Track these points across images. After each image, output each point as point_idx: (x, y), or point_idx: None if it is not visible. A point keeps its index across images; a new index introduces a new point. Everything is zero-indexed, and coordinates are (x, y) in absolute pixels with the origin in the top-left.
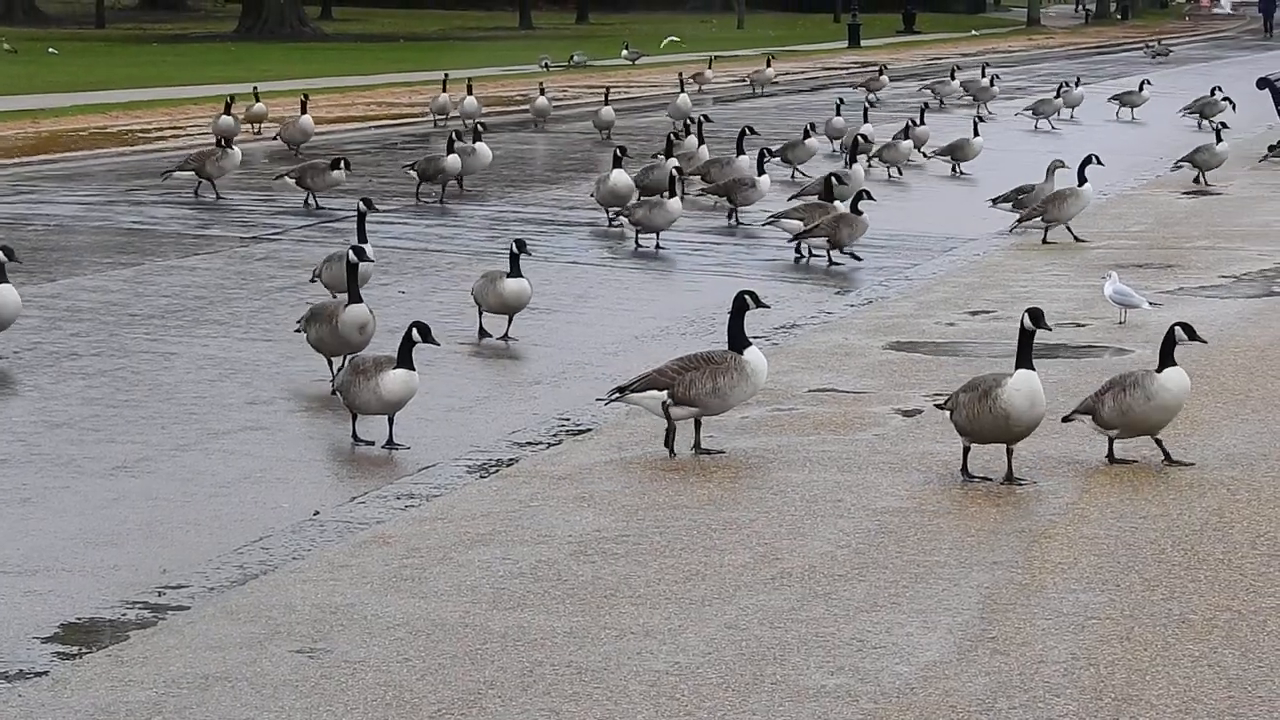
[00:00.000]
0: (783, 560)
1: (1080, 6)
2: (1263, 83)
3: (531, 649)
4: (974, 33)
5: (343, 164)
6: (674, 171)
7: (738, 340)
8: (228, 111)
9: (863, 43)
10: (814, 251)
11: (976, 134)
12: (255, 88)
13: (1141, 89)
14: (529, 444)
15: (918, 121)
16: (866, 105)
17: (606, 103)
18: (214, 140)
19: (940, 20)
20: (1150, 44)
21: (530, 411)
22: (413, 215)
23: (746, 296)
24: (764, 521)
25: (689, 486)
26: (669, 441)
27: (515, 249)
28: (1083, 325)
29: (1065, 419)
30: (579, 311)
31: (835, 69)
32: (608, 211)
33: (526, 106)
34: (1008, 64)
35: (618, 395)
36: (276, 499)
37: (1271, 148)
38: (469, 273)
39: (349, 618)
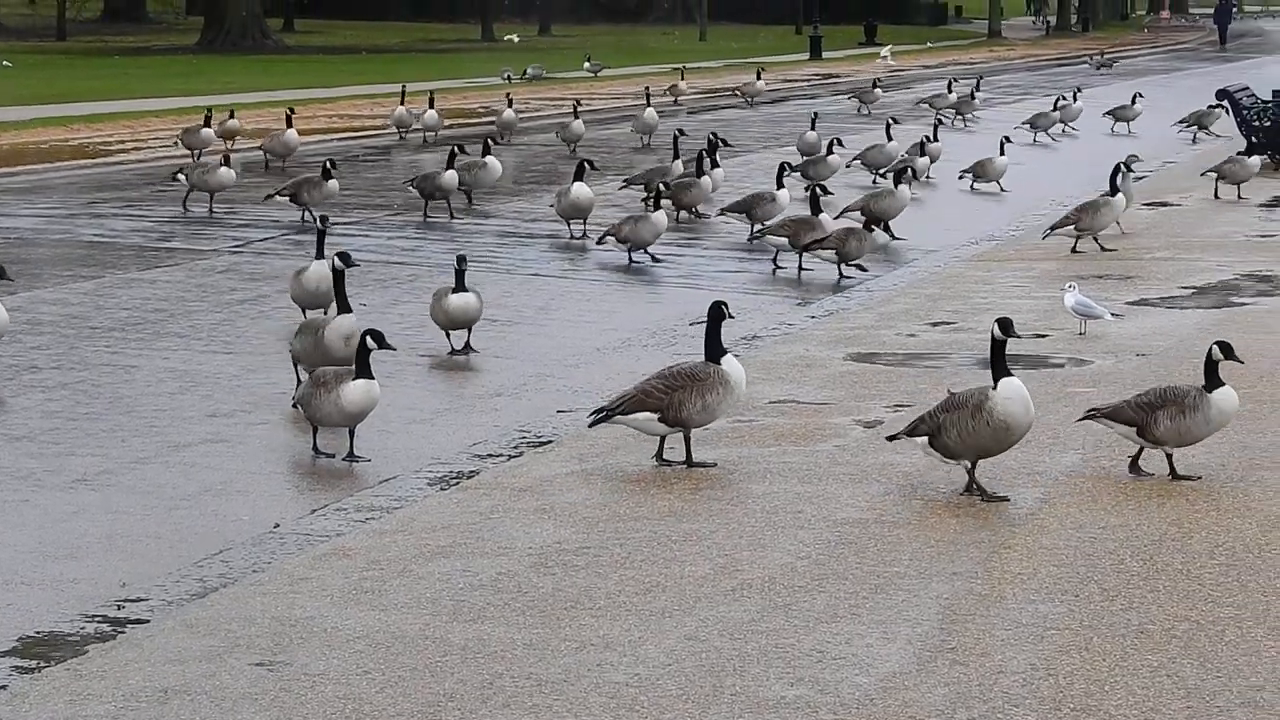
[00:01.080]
0: (743, 572)
1: (1040, 19)
2: (1222, 94)
3: (491, 661)
4: (929, 45)
5: (331, 165)
6: (660, 185)
7: (714, 350)
8: (206, 124)
9: (824, 54)
10: (802, 265)
11: (1002, 153)
12: (232, 109)
13: (1134, 102)
14: (490, 456)
15: (932, 138)
16: (890, 122)
17: (576, 116)
18: (190, 152)
19: (901, 32)
20: (1093, 56)
21: (491, 424)
22: (373, 228)
23: (723, 306)
24: (724, 533)
25: (649, 498)
26: (660, 453)
27: (458, 265)
28: (1043, 336)
29: (1083, 418)
30: (540, 324)
31: (796, 80)
32: (569, 224)
33: (491, 119)
34: (969, 75)
35: (604, 416)
36: (237, 512)
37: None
38: (430, 285)
39: (309, 630)
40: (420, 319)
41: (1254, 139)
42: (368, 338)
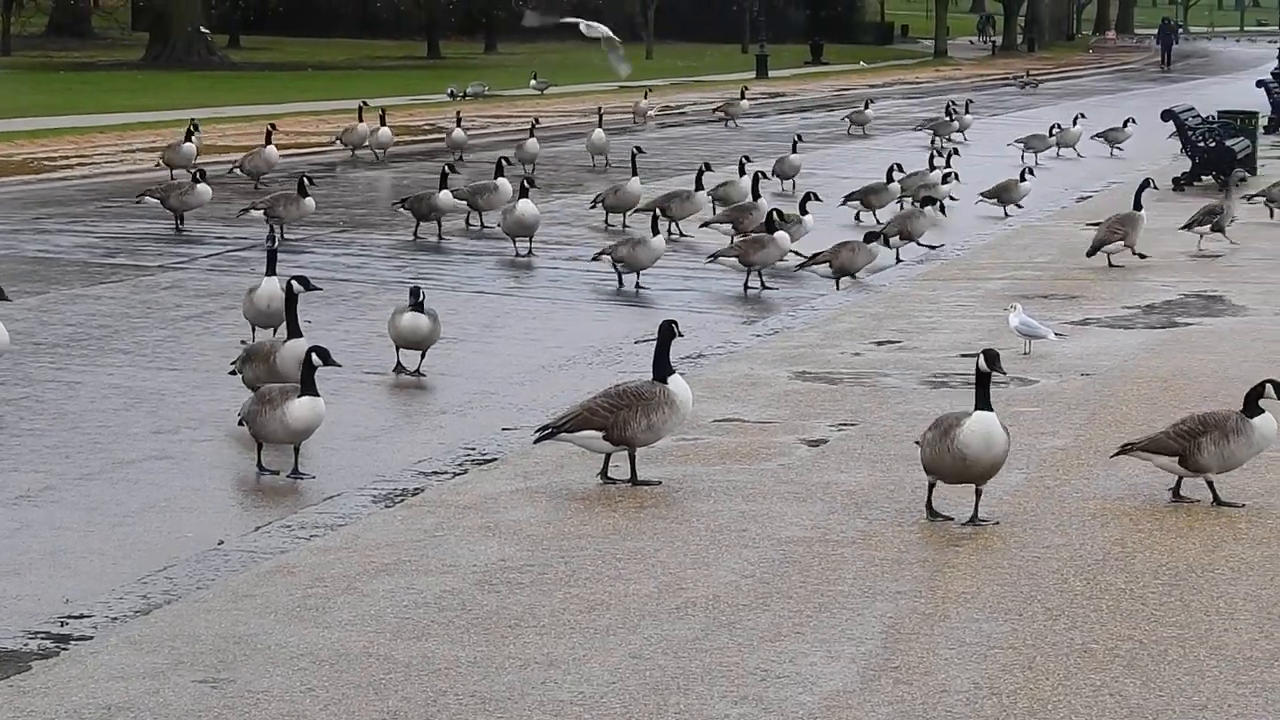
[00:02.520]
0: (687, 590)
1: (986, 38)
2: (1167, 115)
3: (435, 679)
4: (861, 64)
5: (308, 180)
6: (657, 210)
7: (662, 369)
8: (189, 138)
9: (770, 73)
10: (766, 285)
11: (1023, 178)
12: (192, 120)
13: (1125, 126)
14: (434, 473)
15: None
16: (934, 151)
17: (532, 134)
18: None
19: (848, 51)
20: (1019, 76)
21: (436, 441)
22: (319, 245)
23: (673, 325)
24: (669, 551)
25: (594, 516)
26: (605, 471)
27: (411, 294)
28: None
29: (1118, 454)
30: (486, 341)
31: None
32: (515, 242)
33: (438, 137)
34: (916, 94)
35: (549, 434)
36: (181, 528)
37: (1176, 180)
38: (375, 302)
39: (252, 647)
40: (366, 335)
41: (1198, 159)
42: (313, 354)
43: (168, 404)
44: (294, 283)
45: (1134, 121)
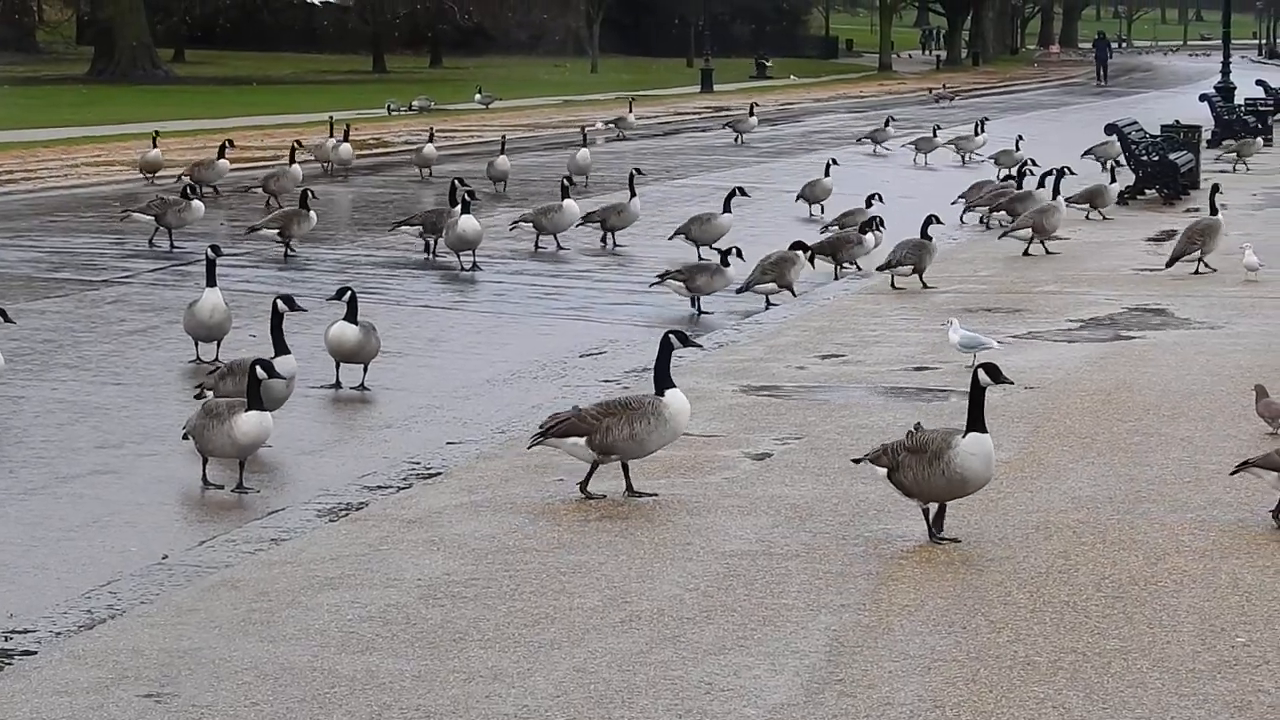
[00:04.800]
0: (631, 603)
1: (930, 51)
2: (1110, 128)
3: (380, 692)
4: (791, 78)
5: (311, 194)
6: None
7: (662, 381)
8: (221, 155)
9: (716, 87)
10: (701, 310)
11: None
12: (155, 132)
13: (1017, 146)
14: (379, 488)
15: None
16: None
17: (502, 151)
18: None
19: (792, 65)
20: (935, 90)
21: (380, 455)
22: (261, 260)
23: (673, 336)
24: (613, 565)
25: (539, 530)
26: (585, 484)
27: (338, 294)
28: (931, 369)
29: (1236, 471)
30: (430, 355)
31: (688, 113)
32: (459, 256)
33: (383, 151)
34: (860, 109)
35: (540, 439)
36: (125, 543)
37: (1122, 193)
38: (320, 317)
39: (197, 662)
40: (310, 350)
41: (1141, 173)
42: (258, 368)
43: (112, 418)
44: (279, 302)
45: (1022, 139)
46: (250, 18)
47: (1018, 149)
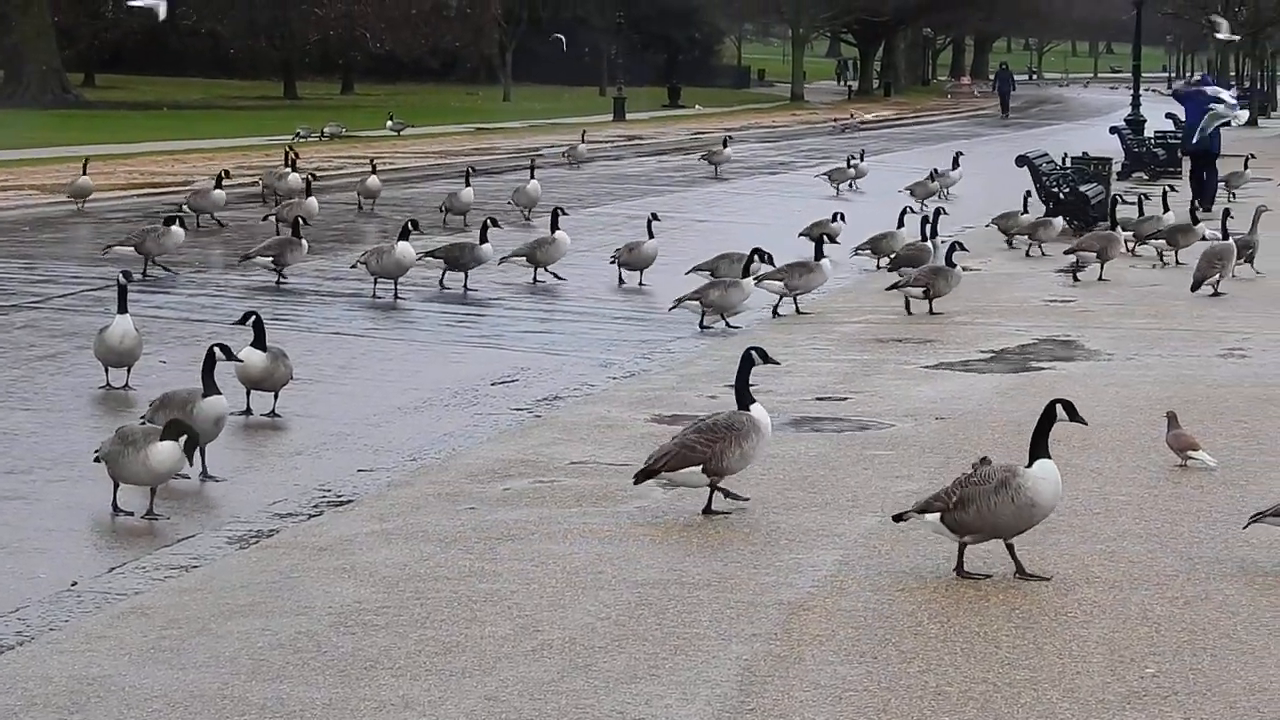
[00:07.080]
0: (543, 632)
1: (843, 82)
2: (1021, 160)
3: None
4: (697, 108)
5: (303, 221)
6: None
7: (744, 398)
8: (219, 185)
9: (628, 116)
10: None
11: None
12: (86, 160)
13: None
14: (289, 515)
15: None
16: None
17: (467, 184)
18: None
19: (703, 94)
20: (834, 121)
21: (291, 482)
22: (172, 285)
23: (754, 353)
24: (525, 593)
25: (450, 558)
26: (709, 508)
27: (243, 318)
28: (840, 400)
29: (1249, 524)
30: (341, 382)
31: (601, 141)
32: (377, 283)
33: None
34: (772, 139)
35: (649, 474)
36: (33, 569)
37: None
38: (231, 343)
39: (106, 689)
40: (221, 377)
41: (1051, 205)
42: (216, 349)
43: (20, 444)
44: (218, 350)
45: (938, 170)
46: (159, 42)
47: (933, 180)
